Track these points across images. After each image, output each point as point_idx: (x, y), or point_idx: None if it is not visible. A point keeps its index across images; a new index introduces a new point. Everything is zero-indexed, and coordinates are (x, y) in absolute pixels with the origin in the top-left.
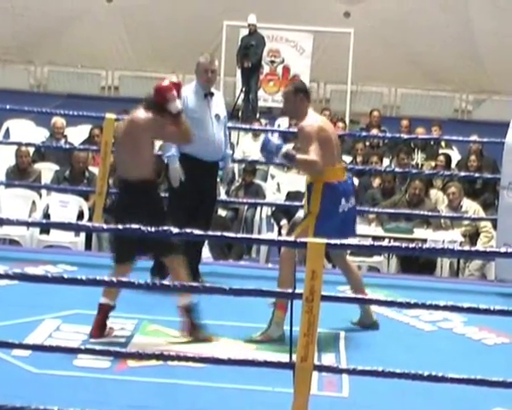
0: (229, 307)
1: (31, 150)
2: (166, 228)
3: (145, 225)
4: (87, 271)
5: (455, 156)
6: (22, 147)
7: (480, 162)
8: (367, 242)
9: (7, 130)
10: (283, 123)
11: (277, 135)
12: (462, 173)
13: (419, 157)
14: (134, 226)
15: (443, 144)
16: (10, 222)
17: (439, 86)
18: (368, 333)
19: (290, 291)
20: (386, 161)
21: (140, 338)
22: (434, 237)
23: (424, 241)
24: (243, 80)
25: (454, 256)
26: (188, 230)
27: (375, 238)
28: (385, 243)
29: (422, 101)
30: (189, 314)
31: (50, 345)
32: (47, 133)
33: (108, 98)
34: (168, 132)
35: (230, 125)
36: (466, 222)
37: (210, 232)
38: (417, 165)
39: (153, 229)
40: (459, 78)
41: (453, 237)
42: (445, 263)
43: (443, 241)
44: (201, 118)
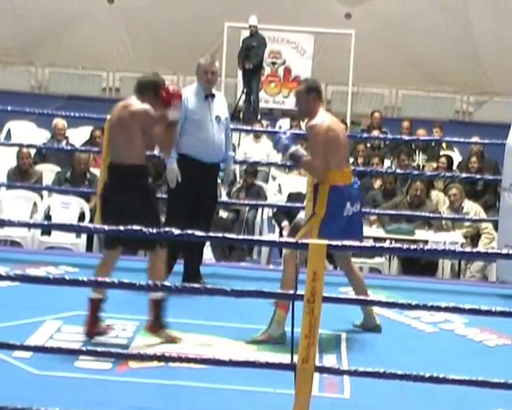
0: (230, 309)
1: (32, 152)
2: (168, 230)
3: (133, 210)
4: (88, 272)
5: (456, 158)
6: (23, 148)
7: (481, 164)
8: (368, 243)
9: (8, 131)
10: (284, 124)
11: (289, 133)
12: (463, 175)
13: (420, 158)
14: (135, 228)
15: (444, 146)
16: (11, 223)
17: (440, 88)
18: (369, 335)
19: (291, 292)
20: (387, 163)
21: (141, 339)
22: (435, 239)
23: (425, 242)
24: (244, 82)
25: (455, 258)
26: (188, 231)
27: (377, 240)
28: (386, 245)
29: (423, 102)
30: (158, 310)
31: (51, 346)
32: (48, 135)
33: (109, 99)
34: (153, 132)
35: (232, 126)
36: (467, 223)
37: (211, 234)
38: (418, 166)
39: (153, 230)
40: (460, 79)
41: (454, 239)
42: (447, 264)
43: (444, 242)
44: (201, 119)
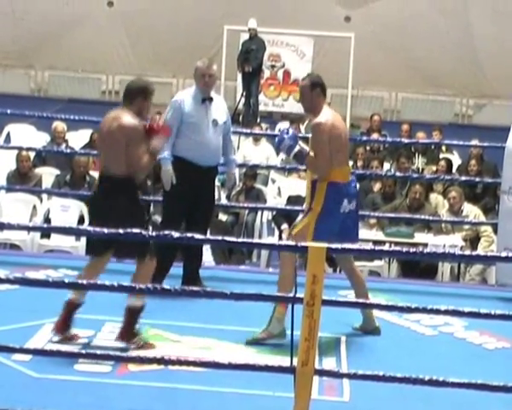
0: (229, 312)
1: (31, 155)
2: (167, 232)
3: (118, 223)
4: None
5: (455, 161)
6: (23, 151)
7: (481, 167)
8: (368, 246)
9: (8, 134)
10: (284, 127)
11: (292, 132)
12: (462, 178)
13: (420, 161)
14: (135, 231)
15: (443, 149)
16: (11, 227)
17: (440, 91)
18: (369, 338)
19: (291, 295)
20: (386, 166)
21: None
22: (435, 242)
23: (425, 245)
24: (244, 85)
25: (455, 261)
26: (188, 234)
27: (376, 243)
28: (386, 248)
29: (423, 105)
30: (133, 319)
31: (51, 349)
32: (48, 138)
33: (109, 103)
34: (135, 151)
35: (231, 129)
36: (466, 226)
37: (211, 237)
38: (418, 169)
39: (153, 233)
40: (459, 82)
41: (454, 242)
42: (446, 267)
43: (444, 245)
44: (198, 122)
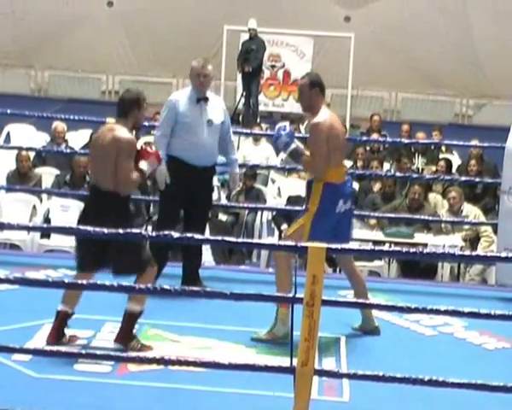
0: (229, 312)
1: (31, 155)
2: (167, 232)
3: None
4: None
5: (455, 161)
6: (23, 151)
7: (481, 167)
8: (367, 246)
9: (7, 134)
10: (282, 124)
11: (289, 129)
12: (462, 178)
13: (419, 162)
14: (135, 231)
15: (443, 149)
16: (11, 227)
17: (440, 91)
18: (368, 338)
19: (291, 296)
20: (386, 166)
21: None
22: (435, 242)
23: (425, 245)
24: (244, 85)
25: (454, 261)
26: (186, 234)
27: (376, 243)
28: (385, 248)
29: (423, 105)
30: (131, 322)
31: (51, 350)
32: (47, 138)
33: (109, 103)
34: (124, 164)
35: (231, 129)
36: (466, 227)
37: (210, 237)
38: (418, 169)
39: (153, 234)
40: (459, 82)
41: (454, 242)
42: (446, 268)
43: (443, 245)
44: (192, 123)
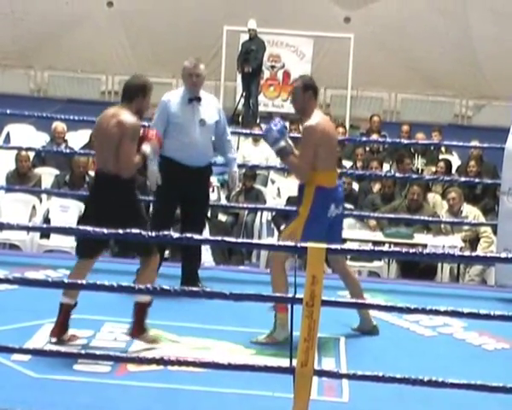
0: (229, 312)
1: (31, 155)
2: (167, 233)
3: (120, 222)
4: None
5: (455, 161)
6: (22, 151)
7: (480, 168)
8: (367, 247)
9: (7, 134)
10: (276, 118)
11: (280, 125)
12: (462, 179)
13: (419, 162)
14: (135, 231)
15: (443, 150)
16: (10, 227)
17: (439, 92)
18: (368, 338)
19: (290, 296)
20: (386, 167)
21: (140, 343)
22: (434, 243)
23: (424, 246)
24: (244, 85)
25: (454, 261)
26: (186, 234)
27: (376, 243)
28: (385, 248)
29: (422, 106)
30: (142, 313)
31: (50, 350)
32: (47, 138)
33: (109, 103)
34: (126, 147)
35: (231, 130)
36: (466, 227)
37: (210, 237)
38: (417, 170)
39: (153, 234)
40: (459, 83)
41: (453, 243)
42: (446, 268)
43: (443, 246)
44: (184, 123)
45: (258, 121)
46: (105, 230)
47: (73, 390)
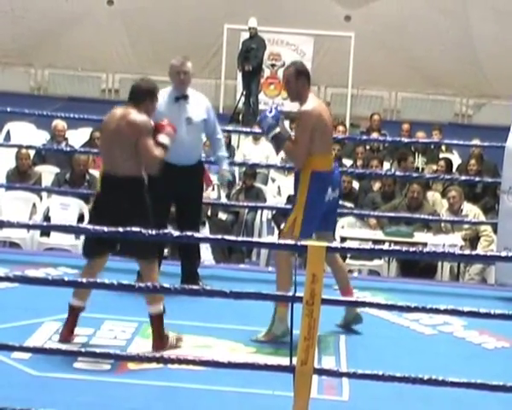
0: (229, 311)
1: (31, 153)
2: (167, 231)
3: (129, 223)
4: None
5: (455, 160)
6: (23, 149)
7: (481, 166)
8: (367, 245)
9: (7, 132)
10: (272, 105)
11: (275, 112)
12: (462, 177)
13: (419, 161)
14: (135, 230)
15: (443, 148)
16: (11, 224)
17: (440, 90)
18: (368, 336)
19: (290, 294)
20: (386, 165)
21: (140, 341)
22: (435, 241)
23: (424, 245)
24: (244, 84)
25: (454, 260)
26: (186, 233)
27: (376, 242)
28: (385, 247)
29: (423, 105)
30: (160, 323)
31: (50, 348)
32: (47, 136)
33: (109, 101)
34: (146, 144)
35: (231, 128)
36: (466, 226)
37: (210, 235)
38: (418, 169)
39: (153, 232)
40: (459, 82)
41: (453, 241)
42: (446, 267)
43: (443, 245)
44: (170, 121)
45: (258, 119)
46: (105, 228)
47: (73, 388)
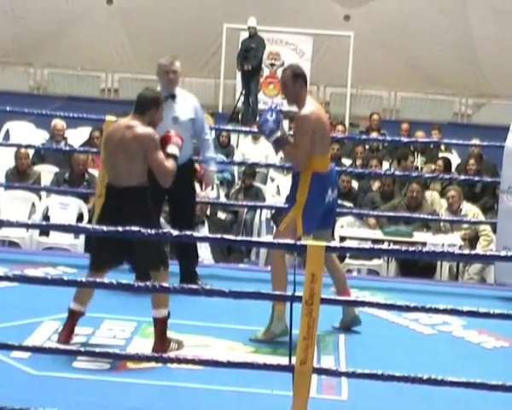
0: (228, 310)
1: (30, 152)
2: (166, 231)
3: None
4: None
5: (454, 160)
6: (22, 149)
7: (480, 166)
8: (366, 245)
9: (7, 132)
10: (272, 105)
11: (275, 115)
12: (461, 177)
13: (419, 161)
14: (134, 229)
15: (442, 148)
16: (10, 224)
17: (439, 90)
18: (367, 336)
19: (290, 294)
20: (385, 165)
21: (139, 341)
22: (434, 241)
23: (424, 244)
24: (243, 83)
25: (453, 260)
26: (185, 232)
27: (375, 241)
28: (384, 247)
29: (422, 104)
30: (163, 327)
31: (50, 347)
32: (47, 135)
33: (108, 100)
34: (157, 157)
35: (230, 127)
36: (465, 226)
37: (210, 235)
38: (417, 168)
39: (152, 231)
40: (459, 82)
41: (453, 241)
42: (445, 266)
43: (442, 244)
44: None
45: (257, 119)
46: (104, 227)
47: (73, 388)
